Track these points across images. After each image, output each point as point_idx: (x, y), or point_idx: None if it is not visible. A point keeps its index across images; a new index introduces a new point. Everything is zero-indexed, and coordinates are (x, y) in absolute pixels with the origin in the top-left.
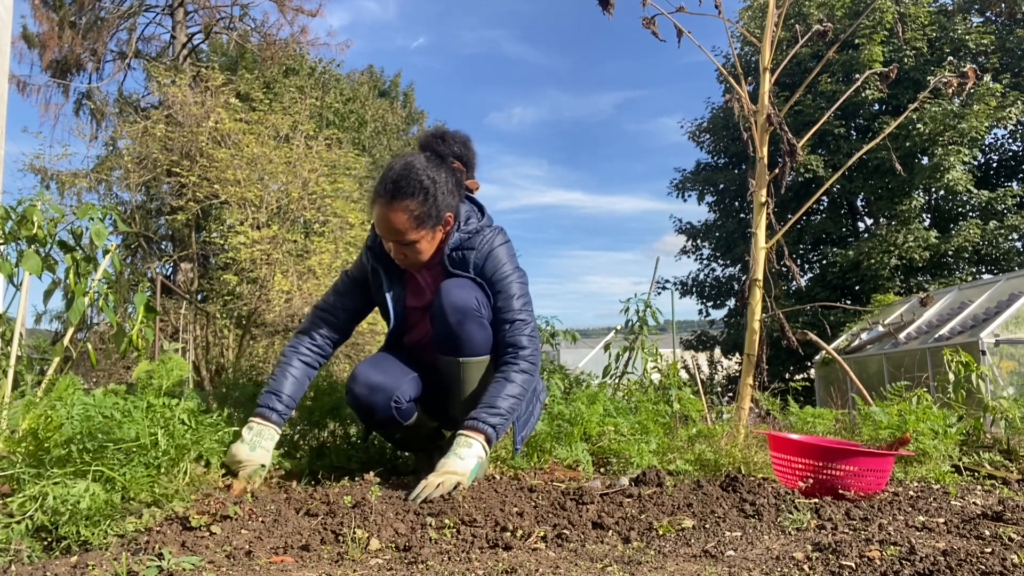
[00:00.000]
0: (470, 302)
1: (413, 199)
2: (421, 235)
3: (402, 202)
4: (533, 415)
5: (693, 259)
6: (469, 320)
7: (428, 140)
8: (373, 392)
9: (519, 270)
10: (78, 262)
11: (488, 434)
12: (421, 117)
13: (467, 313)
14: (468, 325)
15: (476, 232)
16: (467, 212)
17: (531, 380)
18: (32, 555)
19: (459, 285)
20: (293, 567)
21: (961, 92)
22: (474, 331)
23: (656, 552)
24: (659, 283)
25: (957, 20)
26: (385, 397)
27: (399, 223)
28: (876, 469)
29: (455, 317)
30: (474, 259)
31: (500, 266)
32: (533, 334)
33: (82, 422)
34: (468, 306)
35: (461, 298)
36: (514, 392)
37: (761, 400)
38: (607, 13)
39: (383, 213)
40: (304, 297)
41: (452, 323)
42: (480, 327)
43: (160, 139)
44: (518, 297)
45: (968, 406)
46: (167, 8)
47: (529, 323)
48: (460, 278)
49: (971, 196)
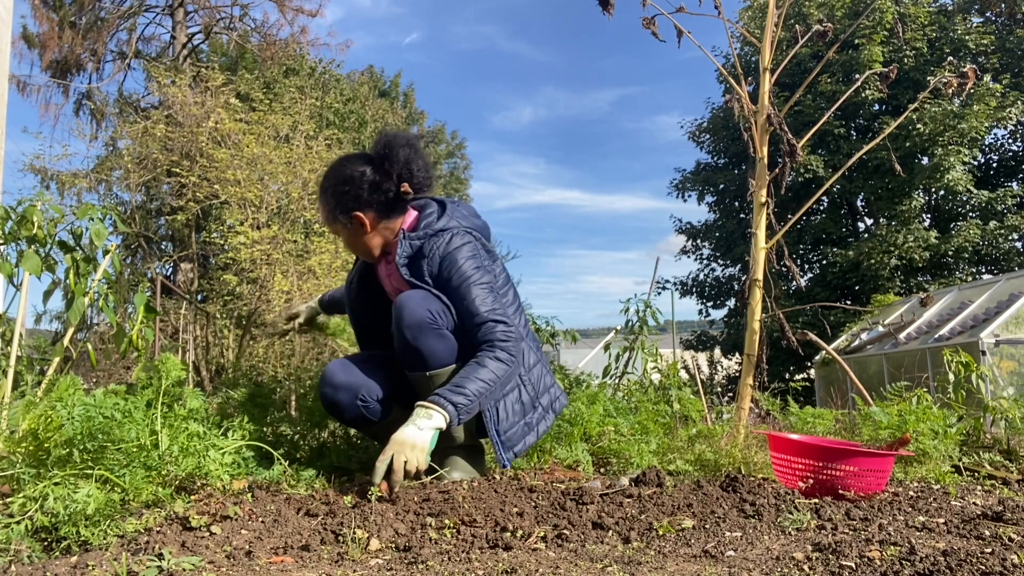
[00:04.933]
0: (423, 316)
1: (324, 194)
2: (336, 229)
3: (321, 196)
4: (535, 428)
5: (693, 259)
6: (424, 334)
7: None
8: (337, 391)
9: (482, 269)
10: (78, 262)
11: (448, 412)
12: (421, 117)
13: (422, 328)
14: (425, 339)
15: (431, 236)
16: (426, 217)
17: (508, 370)
18: (32, 555)
19: (410, 298)
20: (293, 567)
21: (961, 92)
22: (433, 344)
23: (656, 552)
24: (659, 283)
25: (957, 20)
26: (350, 396)
27: (324, 217)
28: (876, 469)
29: (410, 333)
30: (427, 267)
31: (458, 270)
32: (508, 332)
33: (83, 423)
34: (422, 320)
35: (413, 313)
36: (484, 377)
37: (761, 400)
38: (607, 13)
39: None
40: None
41: (409, 339)
42: (438, 338)
43: (160, 139)
44: (483, 300)
45: (968, 406)
46: (167, 8)
47: (501, 322)
48: (414, 290)
49: (971, 196)
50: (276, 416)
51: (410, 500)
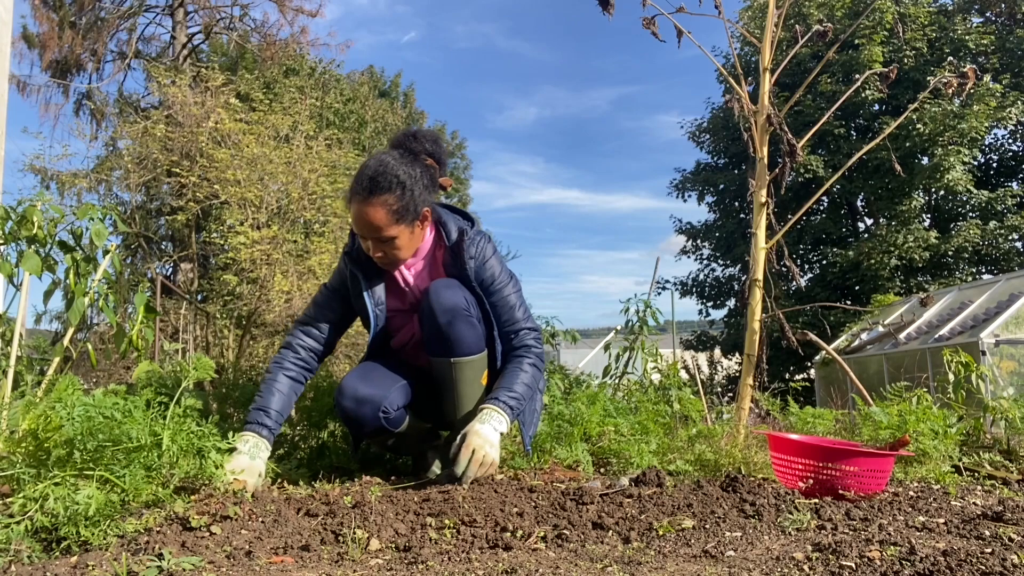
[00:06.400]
0: (459, 302)
1: (391, 193)
2: (399, 230)
3: (379, 197)
4: (536, 412)
5: (693, 259)
6: (459, 320)
7: (400, 139)
8: (360, 404)
9: (513, 277)
10: (78, 262)
11: (508, 414)
12: (421, 117)
13: (456, 313)
14: (458, 324)
15: (471, 238)
16: (456, 220)
17: (539, 376)
18: (32, 555)
19: (447, 285)
20: (293, 567)
21: (961, 92)
22: (464, 330)
23: (656, 552)
24: (659, 283)
25: (957, 20)
26: (373, 408)
27: (378, 219)
28: (876, 469)
29: (445, 318)
30: (467, 268)
31: (497, 274)
32: (538, 339)
33: (82, 423)
34: (457, 306)
35: (450, 298)
36: (526, 380)
37: (761, 400)
38: (607, 14)
39: (361, 210)
40: (304, 297)
41: (442, 324)
42: (470, 326)
43: (160, 139)
44: (519, 307)
45: (968, 406)
46: (167, 8)
47: (535, 329)
48: (447, 278)
49: (971, 196)
50: None
51: (410, 500)
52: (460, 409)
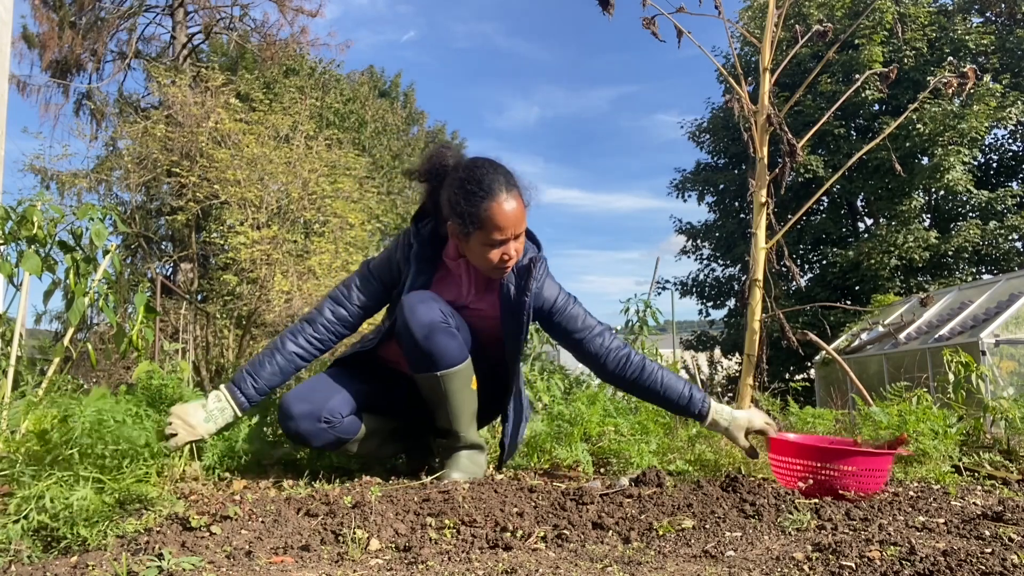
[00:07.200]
0: (435, 315)
1: (520, 188)
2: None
3: (518, 191)
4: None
5: (693, 259)
6: (437, 332)
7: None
8: (298, 421)
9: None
10: (78, 262)
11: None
12: (421, 117)
13: (434, 327)
14: (437, 337)
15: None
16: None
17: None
18: (32, 555)
19: (421, 300)
20: (293, 567)
21: (961, 92)
22: (445, 342)
23: (656, 552)
24: (659, 283)
25: (957, 20)
26: (311, 422)
27: (523, 213)
28: (874, 469)
29: (422, 332)
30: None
31: (556, 292)
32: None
33: (82, 424)
34: (434, 319)
35: (425, 313)
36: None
37: (761, 400)
38: (607, 14)
39: (514, 206)
40: (304, 297)
41: (420, 339)
42: (450, 336)
43: (160, 139)
44: (586, 314)
45: (968, 406)
46: (167, 8)
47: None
48: (416, 291)
49: (971, 196)
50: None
51: (410, 500)
52: (457, 420)
